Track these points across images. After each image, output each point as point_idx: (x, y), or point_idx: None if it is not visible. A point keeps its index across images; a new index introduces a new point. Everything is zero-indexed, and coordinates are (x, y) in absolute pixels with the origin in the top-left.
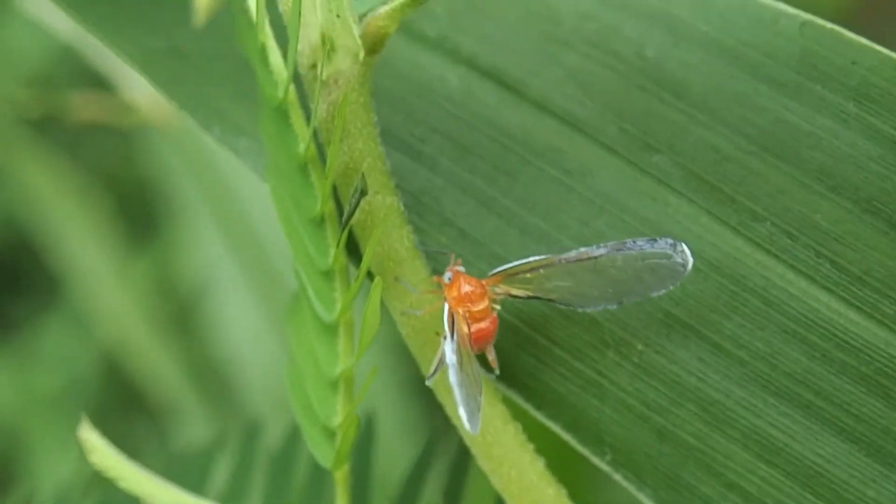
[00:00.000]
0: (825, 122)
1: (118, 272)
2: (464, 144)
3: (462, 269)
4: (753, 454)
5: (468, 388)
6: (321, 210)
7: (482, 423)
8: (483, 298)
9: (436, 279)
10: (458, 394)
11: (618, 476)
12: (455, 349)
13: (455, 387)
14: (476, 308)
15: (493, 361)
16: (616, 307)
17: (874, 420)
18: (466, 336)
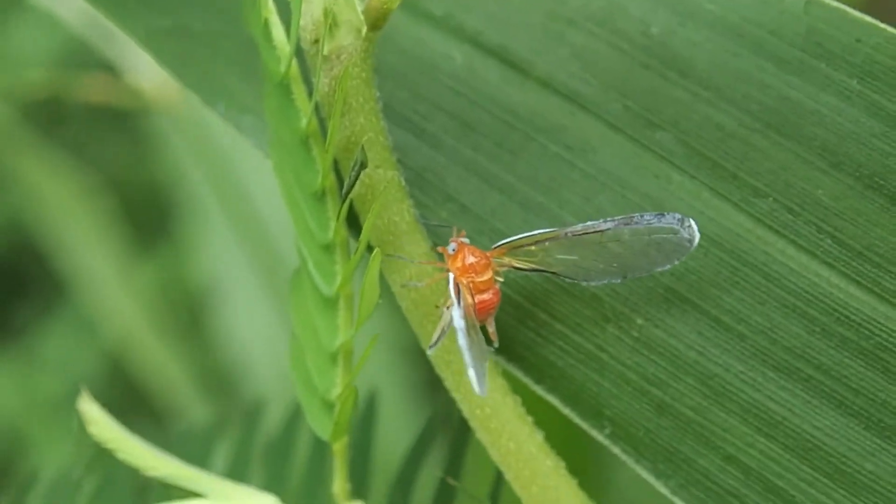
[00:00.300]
0: (829, 100)
1: (124, 274)
2: (467, 122)
3: (467, 241)
4: (752, 427)
5: (476, 353)
6: (322, 184)
7: (481, 397)
8: (487, 269)
9: (440, 249)
10: (467, 356)
11: (616, 449)
12: (462, 314)
13: (464, 349)
14: (480, 279)
15: (493, 334)
16: (620, 282)
17: (873, 394)
18: (470, 306)
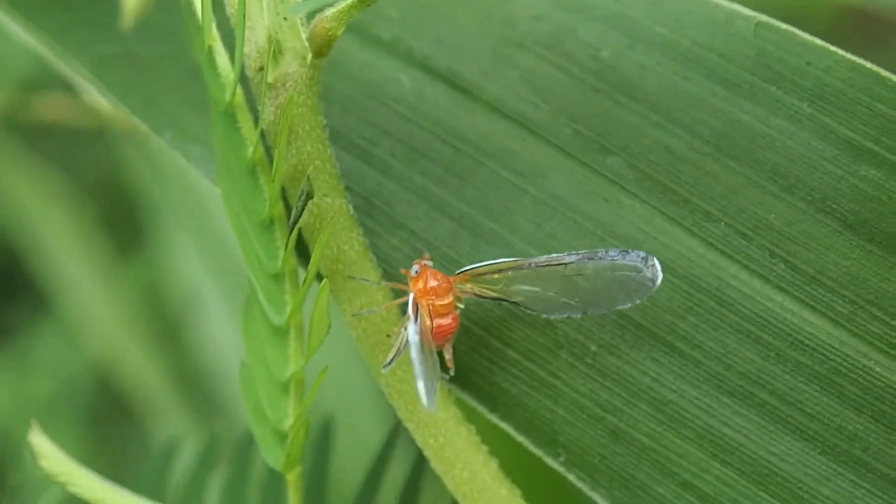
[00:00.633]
0: (780, 123)
1: (105, 280)
2: (416, 147)
3: (430, 264)
4: (708, 453)
5: (428, 368)
6: (269, 213)
7: (434, 426)
8: (448, 294)
9: (403, 271)
10: (419, 369)
11: (571, 476)
12: (417, 330)
13: (415, 362)
14: (440, 302)
15: (450, 361)
16: (580, 316)
17: (828, 418)
18: (428, 329)
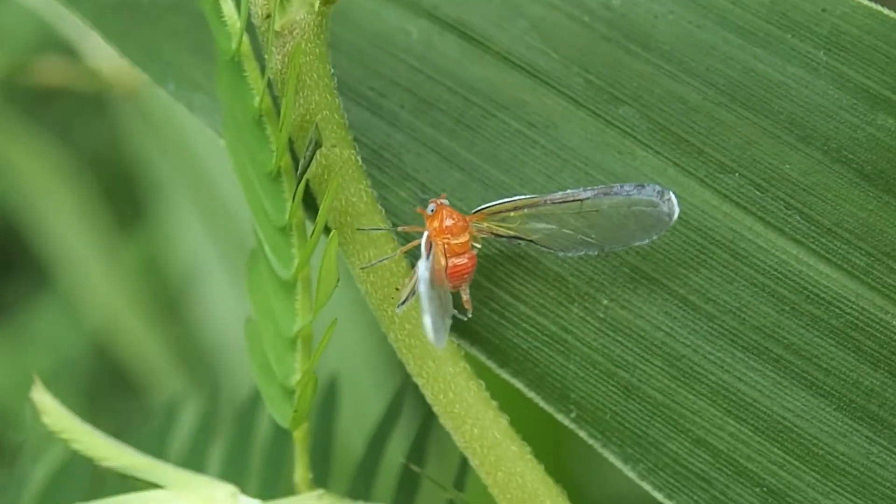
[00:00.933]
0: (795, 72)
1: (105, 253)
2: (425, 98)
3: (446, 203)
4: (722, 409)
5: (437, 306)
6: (277, 164)
7: (444, 381)
8: (463, 232)
9: (419, 210)
10: (426, 304)
11: (582, 433)
12: (429, 267)
13: (424, 297)
14: (455, 241)
15: (467, 302)
16: (597, 254)
17: (844, 374)
18: (442, 269)
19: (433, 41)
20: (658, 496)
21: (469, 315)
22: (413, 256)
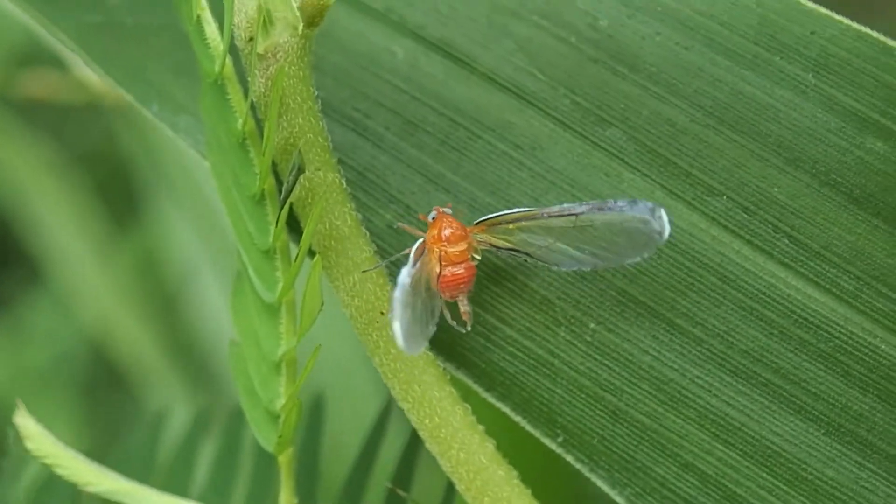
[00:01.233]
0: (784, 94)
1: (100, 251)
2: (410, 119)
3: (449, 212)
4: (710, 434)
5: (412, 313)
6: (260, 187)
7: (430, 406)
8: (461, 241)
9: (421, 216)
10: (397, 310)
11: (570, 457)
12: (410, 273)
13: (396, 302)
14: (452, 249)
15: (465, 314)
16: (589, 269)
17: (833, 398)
18: (435, 277)
19: (419, 62)
20: None
21: (468, 328)
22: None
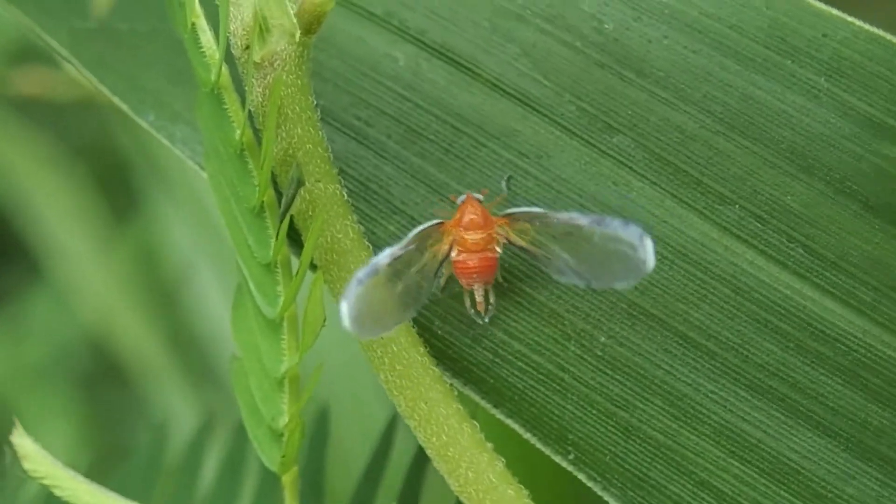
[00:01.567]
0: (796, 99)
1: (99, 245)
2: (413, 127)
3: (480, 198)
4: (725, 451)
5: (372, 296)
6: (259, 199)
7: (437, 423)
8: (480, 230)
9: (452, 197)
10: (349, 289)
11: (581, 475)
12: (391, 255)
13: (354, 278)
14: (468, 236)
15: (480, 304)
16: (584, 286)
17: (853, 413)
18: (440, 259)
19: (421, 68)
20: None
21: (485, 319)
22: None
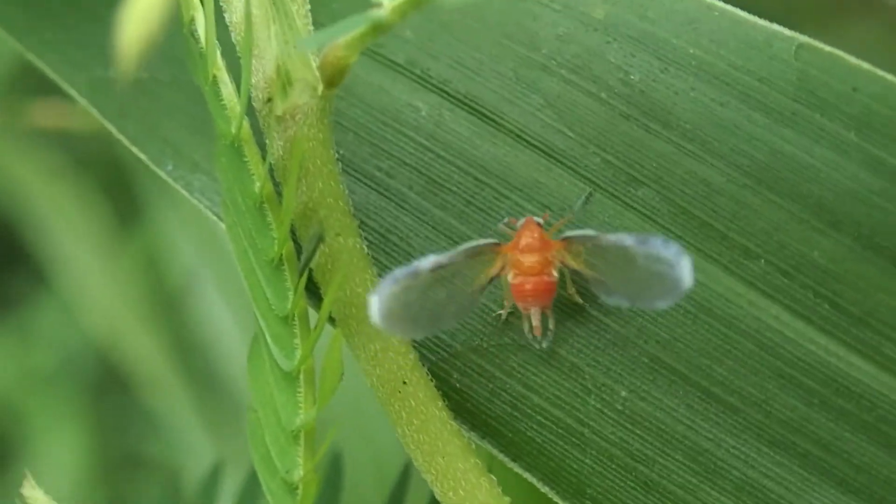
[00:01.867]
0: (824, 153)
1: (104, 253)
2: (434, 178)
3: (540, 221)
4: None
5: (409, 296)
6: (279, 252)
7: (454, 478)
8: (534, 253)
9: (511, 221)
10: (382, 285)
11: None
12: (434, 262)
13: (391, 274)
14: (522, 259)
15: (537, 329)
16: (629, 306)
17: (876, 470)
18: (487, 281)
19: (443, 118)
20: None
21: (542, 345)
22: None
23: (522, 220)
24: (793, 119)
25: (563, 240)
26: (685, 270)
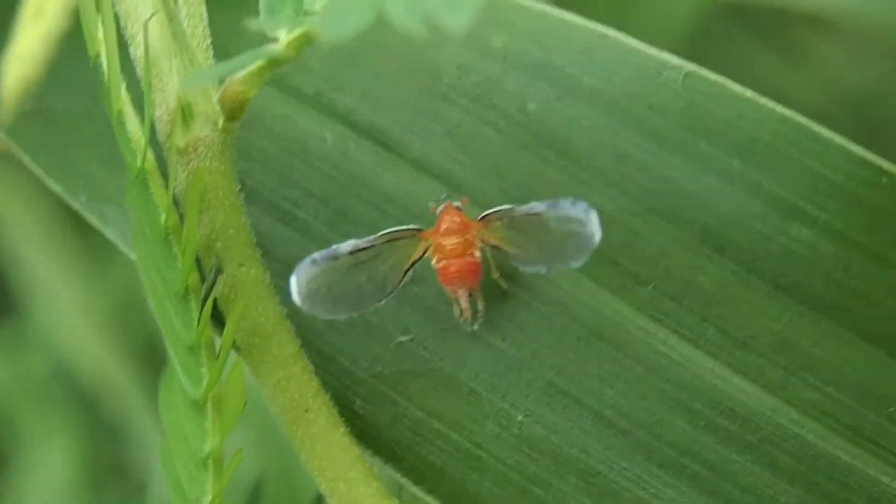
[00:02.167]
0: (710, 181)
1: (80, 286)
2: (339, 208)
3: (458, 206)
4: None
5: (329, 277)
6: (184, 283)
7: (357, 501)
8: (454, 235)
9: (431, 208)
10: (305, 266)
11: None
12: (352, 245)
13: (307, 259)
14: (444, 241)
15: (467, 311)
16: (546, 272)
17: (761, 490)
18: (410, 264)
19: (349, 148)
20: None
21: (473, 327)
22: None
23: (442, 206)
24: (681, 146)
25: (482, 219)
26: (594, 225)
